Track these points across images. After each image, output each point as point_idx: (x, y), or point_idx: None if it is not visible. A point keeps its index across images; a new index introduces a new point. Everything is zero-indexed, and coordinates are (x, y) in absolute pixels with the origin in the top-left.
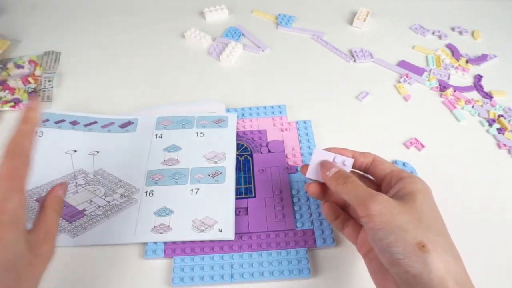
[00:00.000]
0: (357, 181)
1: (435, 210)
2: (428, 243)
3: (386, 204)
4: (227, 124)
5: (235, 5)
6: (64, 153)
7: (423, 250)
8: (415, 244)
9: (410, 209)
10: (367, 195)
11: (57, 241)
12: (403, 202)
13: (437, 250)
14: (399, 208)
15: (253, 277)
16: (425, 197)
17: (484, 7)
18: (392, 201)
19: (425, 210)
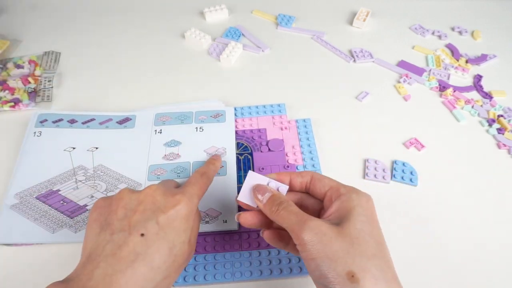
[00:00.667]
0: (291, 206)
1: (370, 229)
2: (358, 271)
3: (317, 232)
4: (225, 119)
5: (235, 5)
6: (63, 150)
7: (352, 280)
8: (345, 274)
9: (342, 234)
10: (299, 222)
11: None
12: (336, 225)
13: (367, 278)
14: (330, 234)
15: (254, 275)
16: (360, 216)
17: (484, 7)
18: (324, 226)
19: (358, 231)
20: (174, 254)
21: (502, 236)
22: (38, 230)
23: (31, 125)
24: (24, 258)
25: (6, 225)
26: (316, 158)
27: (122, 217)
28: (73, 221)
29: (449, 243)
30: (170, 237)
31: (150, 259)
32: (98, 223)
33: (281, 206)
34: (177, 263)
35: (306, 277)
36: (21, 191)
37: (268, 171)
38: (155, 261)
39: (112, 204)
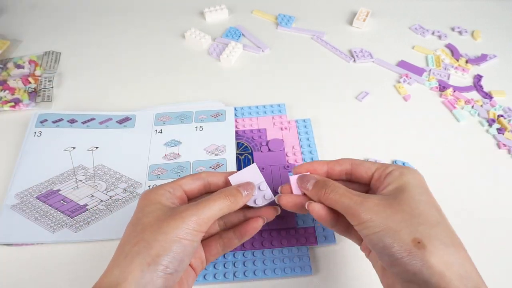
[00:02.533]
0: (340, 187)
1: (428, 199)
2: (424, 238)
3: (376, 209)
4: (225, 118)
5: (235, 5)
6: (63, 150)
7: (418, 247)
8: (411, 241)
9: (400, 206)
10: (355, 203)
11: (59, 236)
12: (393, 199)
13: (434, 244)
14: (389, 208)
15: (255, 275)
16: (416, 188)
17: (484, 7)
18: (382, 202)
19: (417, 202)
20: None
21: (502, 236)
22: (38, 230)
23: (31, 125)
24: (24, 258)
25: (6, 225)
26: (316, 158)
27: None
28: (73, 221)
29: None
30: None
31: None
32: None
33: (328, 188)
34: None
35: (307, 277)
36: (21, 191)
37: (268, 171)
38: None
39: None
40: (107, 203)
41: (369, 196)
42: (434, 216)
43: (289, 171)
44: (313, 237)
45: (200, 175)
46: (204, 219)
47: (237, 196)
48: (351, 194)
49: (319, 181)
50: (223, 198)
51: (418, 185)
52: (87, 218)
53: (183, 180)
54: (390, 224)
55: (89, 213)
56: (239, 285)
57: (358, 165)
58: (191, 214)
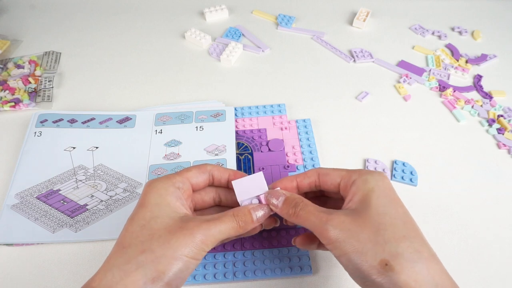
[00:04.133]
0: (308, 206)
1: (393, 209)
2: (391, 258)
3: (341, 228)
4: (225, 118)
5: (235, 5)
6: (63, 150)
7: (386, 269)
8: (378, 264)
9: (365, 223)
10: (320, 222)
11: (59, 236)
12: (358, 215)
13: (401, 263)
14: (354, 226)
15: (255, 275)
16: (380, 198)
17: (484, 7)
18: (347, 219)
19: (382, 216)
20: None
21: (502, 235)
22: (38, 230)
23: (31, 125)
24: (24, 258)
25: (7, 225)
26: (316, 158)
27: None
28: (74, 221)
29: (449, 243)
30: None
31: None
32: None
33: (297, 207)
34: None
35: (307, 277)
36: (22, 191)
37: (268, 171)
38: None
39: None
40: (107, 203)
41: (334, 213)
42: (400, 229)
43: (290, 172)
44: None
45: (206, 168)
46: (211, 240)
47: (247, 221)
48: (318, 212)
49: (289, 199)
50: (234, 222)
51: (383, 193)
52: (87, 218)
53: (190, 173)
54: (356, 245)
55: (89, 213)
56: (239, 285)
57: (324, 175)
58: (200, 233)
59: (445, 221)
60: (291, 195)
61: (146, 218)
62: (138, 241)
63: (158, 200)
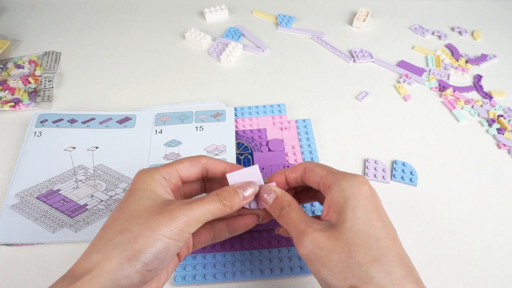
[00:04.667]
0: (291, 212)
1: (369, 223)
2: (361, 284)
3: (314, 246)
4: (225, 118)
5: (235, 5)
6: (63, 150)
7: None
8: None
9: (339, 241)
10: (297, 233)
11: (59, 236)
12: (334, 229)
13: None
14: (328, 245)
15: (255, 275)
16: (356, 210)
17: (484, 7)
18: (321, 238)
19: (356, 233)
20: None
21: (502, 235)
22: (38, 230)
23: (31, 125)
24: (24, 258)
25: (6, 225)
26: (316, 158)
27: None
28: (74, 221)
29: (449, 243)
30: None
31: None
32: None
33: (283, 210)
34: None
35: (307, 277)
36: (22, 191)
37: (268, 171)
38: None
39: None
40: (107, 203)
41: (311, 227)
42: (373, 250)
43: None
44: None
45: (200, 160)
46: (194, 221)
47: (234, 199)
48: (298, 221)
49: (278, 199)
50: (218, 201)
51: (359, 204)
52: (87, 218)
53: (180, 165)
54: (328, 266)
55: (89, 213)
56: (239, 285)
57: (309, 171)
58: (181, 214)
59: (445, 221)
60: (282, 194)
61: (128, 201)
62: (118, 223)
63: (142, 186)
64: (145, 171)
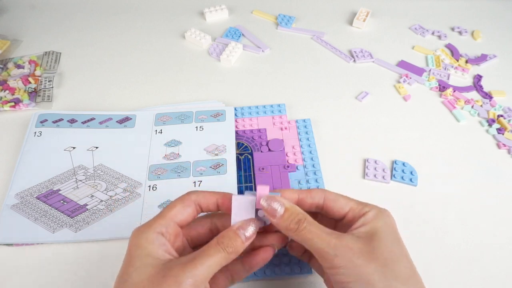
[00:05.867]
0: (312, 225)
1: (400, 248)
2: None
3: (350, 256)
4: (225, 118)
5: (235, 5)
6: (63, 150)
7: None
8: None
9: (374, 254)
10: (327, 246)
11: (59, 236)
12: (366, 244)
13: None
14: (362, 255)
15: (255, 275)
16: (389, 235)
17: (484, 7)
18: (355, 247)
19: (390, 252)
20: None
21: (502, 235)
22: (38, 230)
23: (31, 125)
24: (24, 258)
25: (6, 225)
26: (316, 158)
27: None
28: (73, 221)
29: (449, 243)
30: None
31: None
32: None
33: (301, 225)
34: None
35: (307, 277)
36: (22, 191)
37: (268, 171)
38: None
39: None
40: (107, 203)
41: (342, 239)
42: (406, 269)
43: (289, 171)
44: None
45: (190, 198)
46: (201, 279)
47: (236, 244)
48: (325, 235)
49: (290, 212)
50: (221, 251)
51: (391, 231)
52: (87, 218)
53: (172, 211)
54: (363, 275)
55: (89, 213)
56: (239, 285)
57: (331, 201)
58: (186, 277)
59: (445, 221)
60: (291, 207)
61: (128, 272)
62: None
63: (138, 252)
64: (139, 232)
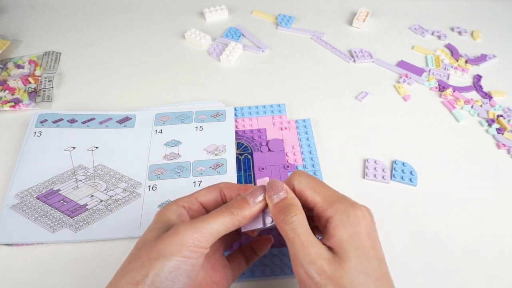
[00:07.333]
0: (299, 224)
1: (370, 263)
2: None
3: (319, 278)
4: (225, 118)
5: (235, 5)
6: (63, 150)
7: None
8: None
9: (342, 278)
10: (304, 255)
11: (59, 236)
12: (337, 264)
13: None
14: (330, 278)
15: (254, 275)
16: (359, 250)
17: (484, 7)
18: (327, 269)
19: (358, 272)
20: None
21: (502, 235)
22: (38, 230)
23: (31, 125)
24: (24, 258)
25: (6, 225)
26: (316, 158)
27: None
28: (73, 221)
29: (449, 243)
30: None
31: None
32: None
33: (289, 216)
34: None
35: None
36: (22, 191)
37: (268, 171)
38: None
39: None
40: (107, 203)
41: (319, 254)
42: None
43: (289, 171)
44: None
45: (217, 185)
46: (204, 235)
47: (244, 208)
48: (307, 242)
49: (286, 201)
50: (226, 212)
51: (361, 244)
52: (87, 218)
53: (198, 192)
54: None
55: (89, 213)
56: (239, 285)
57: (301, 190)
58: (186, 229)
59: (445, 221)
60: (292, 198)
61: (144, 234)
62: (131, 254)
63: (156, 218)
64: (164, 206)
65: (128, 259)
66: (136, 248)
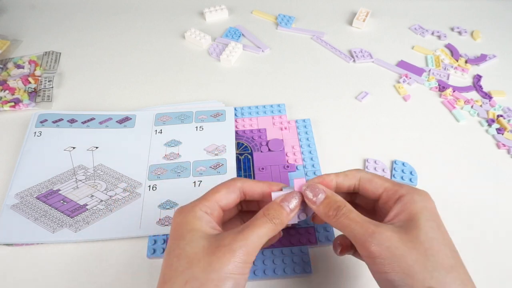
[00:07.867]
0: (351, 212)
1: (442, 235)
2: (439, 287)
3: (388, 245)
4: (225, 118)
5: (235, 5)
6: (63, 150)
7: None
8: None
9: (414, 243)
10: (365, 233)
11: (59, 236)
12: (405, 233)
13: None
14: (402, 245)
15: (255, 275)
16: (429, 221)
17: (483, 7)
18: (394, 237)
19: (431, 240)
20: None
21: (502, 235)
22: (38, 230)
23: (31, 125)
24: (24, 258)
25: (6, 225)
26: (316, 158)
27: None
28: (73, 221)
29: None
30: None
31: None
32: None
33: (339, 211)
34: None
35: (308, 277)
36: (22, 191)
37: (268, 171)
38: None
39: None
40: (107, 203)
41: (381, 227)
42: (449, 258)
43: (289, 171)
44: (314, 237)
45: (235, 184)
46: (253, 249)
47: (282, 215)
48: (363, 222)
49: (330, 199)
50: (268, 222)
51: (431, 216)
52: (87, 218)
53: (217, 195)
54: (403, 267)
55: (89, 213)
56: None
57: (366, 181)
58: (240, 246)
59: (445, 221)
60: (332, 194)
61: (180, 246)
62: (179, 272)
63: (188, 227)
64: (185, 210)
65: (179, 278)
66: (182, 265)
